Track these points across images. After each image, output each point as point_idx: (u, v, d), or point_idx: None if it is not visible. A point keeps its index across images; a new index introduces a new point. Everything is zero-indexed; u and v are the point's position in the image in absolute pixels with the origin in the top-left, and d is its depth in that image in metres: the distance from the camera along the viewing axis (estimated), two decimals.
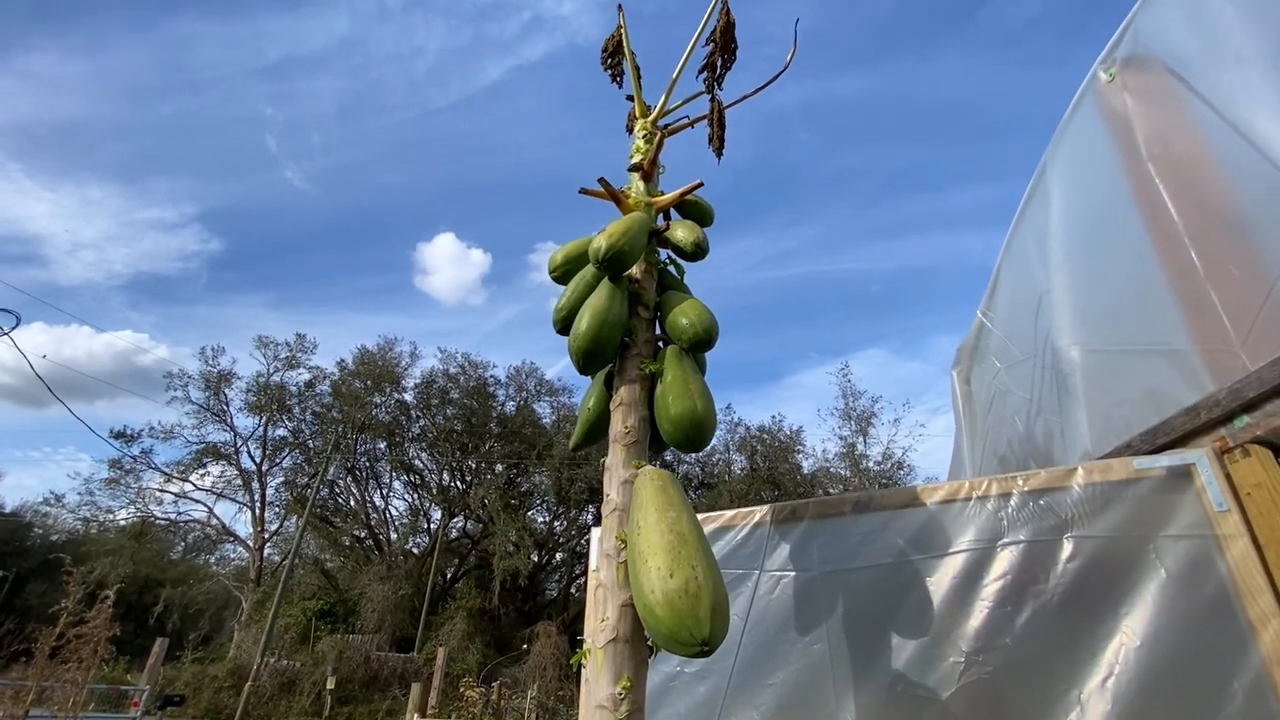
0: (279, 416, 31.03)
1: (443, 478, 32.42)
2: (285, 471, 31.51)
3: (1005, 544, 1.80)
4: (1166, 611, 1.57)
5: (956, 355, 3.49)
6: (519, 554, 27.90)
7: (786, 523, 2.15)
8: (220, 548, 34.13)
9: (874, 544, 1.98)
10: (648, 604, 1.26)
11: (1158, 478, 1.70)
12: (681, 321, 1.75)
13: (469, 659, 24.17)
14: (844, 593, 1.98)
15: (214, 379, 30.41)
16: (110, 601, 5.28)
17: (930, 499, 1.95)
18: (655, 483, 1.48)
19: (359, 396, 30.66)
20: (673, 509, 1.40)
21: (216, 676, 24.32)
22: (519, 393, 33.27)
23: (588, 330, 1.67)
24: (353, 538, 31.84)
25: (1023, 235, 2.83)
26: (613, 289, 1.76)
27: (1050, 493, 1.80)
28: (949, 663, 1.74)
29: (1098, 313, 2.24)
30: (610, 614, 1.43)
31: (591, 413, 1.86)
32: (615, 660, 1.37)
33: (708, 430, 1.64)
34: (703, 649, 1.21)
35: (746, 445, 32.57)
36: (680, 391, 1.65)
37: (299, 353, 31.77)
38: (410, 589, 28.10)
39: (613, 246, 1.69)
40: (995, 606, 1.74)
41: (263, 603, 27.05)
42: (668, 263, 2.06)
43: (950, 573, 1.84)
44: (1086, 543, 1.71)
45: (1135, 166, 2.09)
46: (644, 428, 1.68)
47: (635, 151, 2.18)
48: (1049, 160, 2.57)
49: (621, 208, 1.97)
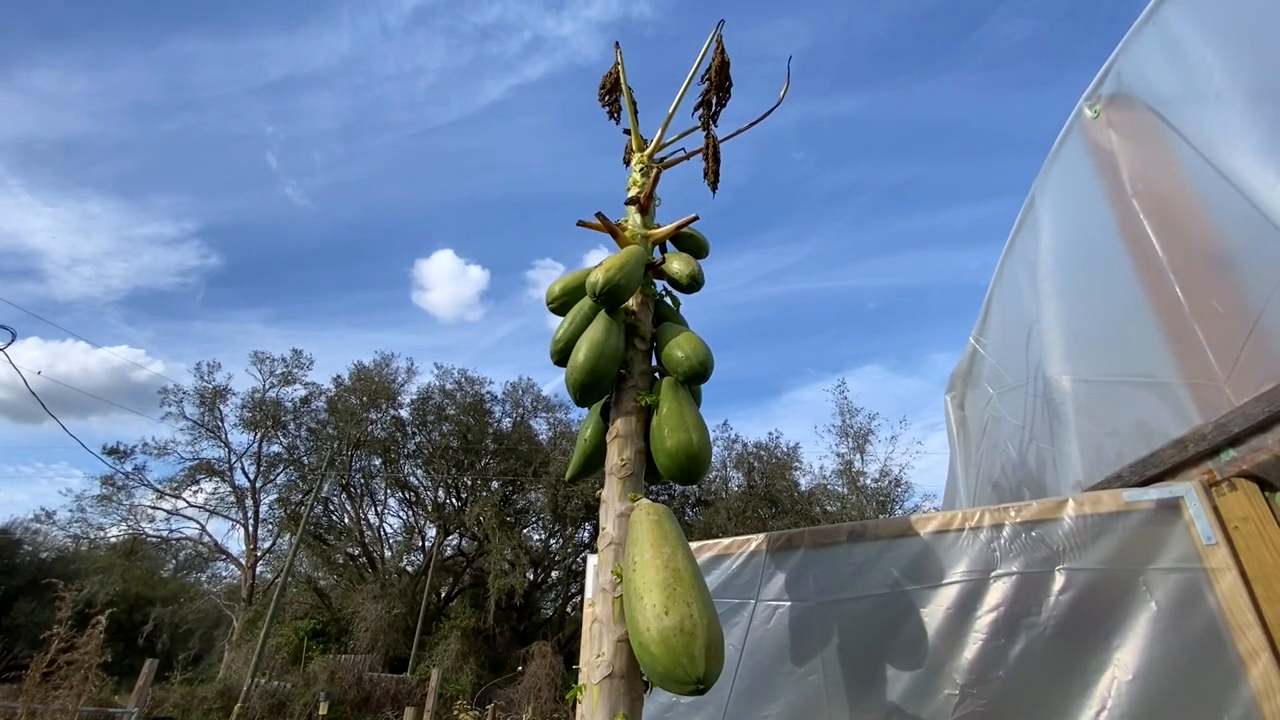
0: (274, 433, 30.88)
1: (438, 495, 32.21)
2: (279, 488, 31.27)
3: (998, 575, 1.81)
4: (1157, 644, 1.58)
5: (950, 380, 3.52)
6: (514, 572, 27.63)
7: (782, 551, 2.16)
8: (212, 566, 33.75)
9: (869, 574, 1.99)
10: (643, 641, 1.27)
11: (1147, 510, 1.72)
12: (677, 354, 1.78)
13: (463, 679, 23.85)
14: (839, 623, 1.98)
15: (209, 395, 30.30)
16: (102, 626, 5.22)
17: (924, 529, 1.97)
18: (651, 517, 1.50)
19: (355, 413, 30.54)
20: (668, 544, 1.41)
21: (206, 698, 23.91)
22: (515, 409, 33.19)
23: (585, 363, 1.70)
24: (346, 555, 31.53)
25: (1013, 263, 2.88)
26: (609, 321, 1.79)
27: (1042, 524, 1.82)
28: (944, 695, 1.74)
29: (1087, 343, 2.28)
30: (606, 649, 1.44)
31: (588, 444, 1.88)
32: (610, 697, 1.38)
33: (703, 463, 1.66)
34: (698, 688, 1.22)
35: (744, 462, 32.49)
36: (676, 424, 1.67)
37: (295, 369, 31.71)
38: (404, 608, 27.80)
39: (610, 280, 1.71)
40: (989, 638, 1.75)
41: (254, 622, 26.71)
42: (664, 294, 2.09)
43: (944, 603, 1.85)
44: (1078, 575, 1.72)
45: (1120, 201, 2.13)
46: (640, 460, 1.70)
47: (632, 185, 2.23)
48: (1038, 191, 2.62)
49: (618, 240, 2.00)
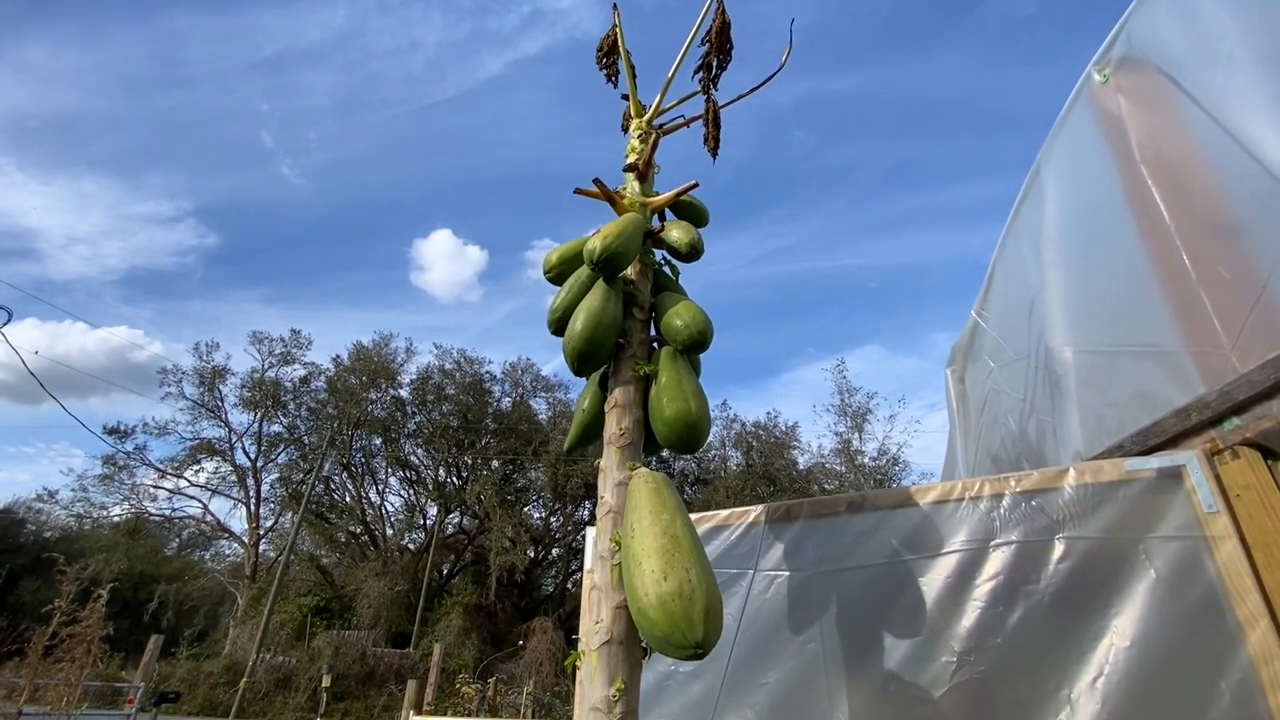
0: (274, 413, 30.96)
1: (439, 474, 32.39)
2: (280, 468, 31.44)
3: (998, 544, 1.81)
4: (1156, 611, 1.59)
5: (951, 354, 3.51)
6: (515, 550, 27.89)
7: (781, 522, 2.16)
8: (215, 544, 34.08)
9: (868, 544, 1.99)
10: (641, 607, 1.27)
11: (1148, 479, 1.71)
12: (676, 323, 1.76)
13: (465, 654, 24.20)
14: (838, 592, 1.99)
15: (208, 375, 30.31)
16: (103, 600, 5.25)
17: (924, 499, 1.96)
18: (650, 485, 1.49)
19: (354, 393, 30.58)
20: (666, 511, 1.40)
21: (212, 673, 24.28)
22: (515, 389, 33.24)
23: (582, 332, 1.68)
24: (348, 534, 31.80)
25: (1017, 235, 2.84)
26: (607, 290, 1.76)
27: (1042, 493, 1.81)
28: (941, 662, 1.75)
29: (1090, 313, 2.25)
30: (604, 616, 1.43)
31: (586, 414, 1.86)
32: (609, 663, 1.38)
33: (702, 432, 1.65)
34: (696, 652, 1.22)
35: (743, 441, 32.64)
36: (675, 393, 1.66)
37: (294, 349, 31.68)
38: (406, 585, 28.10)
39: (607, 248, 1.68)
40: (987, 606, 1.75)
41: (258, 599, 27.01)
42: (663, 264, 2.06)
43: (943, 573, 1.85)
44: (1078, 543, 1.72)
45: (1128, 168, 2.10)
46: (638, 429, 1.69)
47: (630, 151, 2.18)
48: (1044, 160, 2.57)
49: (616, 208, 1.96)
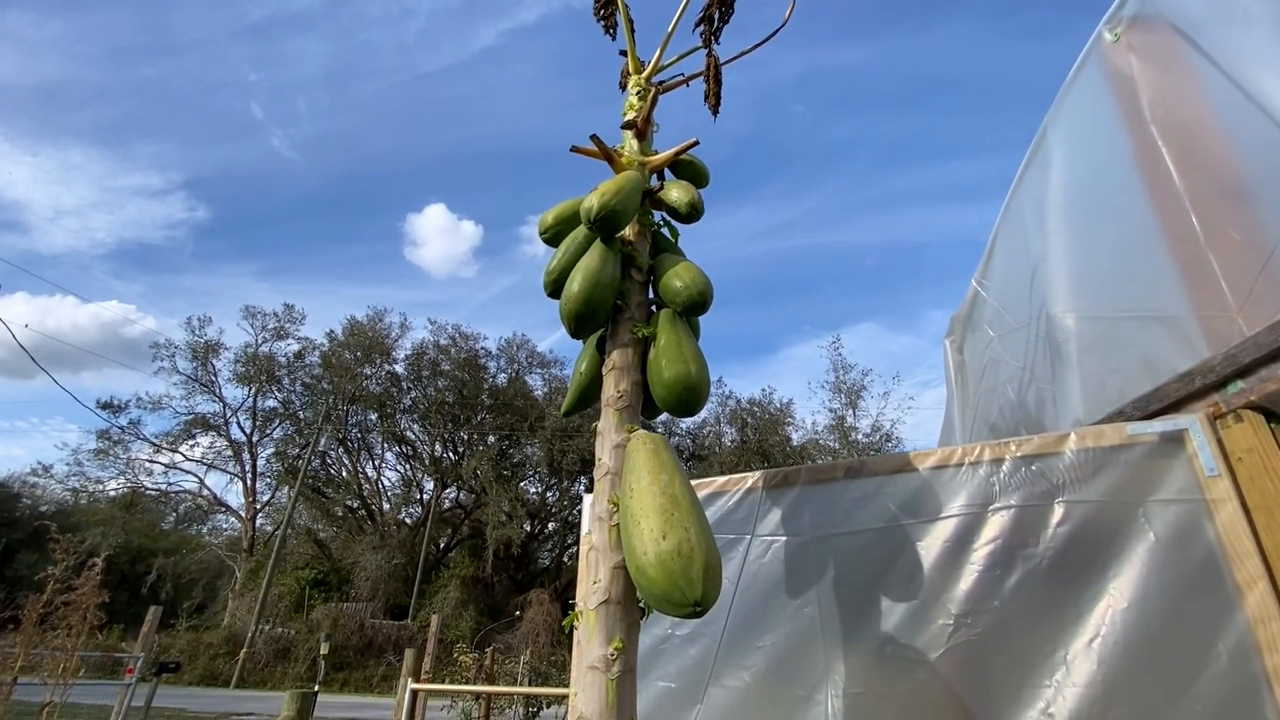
0: (268, 387, 30.92)
1: (435, 449, 32.50)
2: (276, 443, 31.50)
3: (996, 509, 1.80)
4: (1154, 574, 1.58)
5: (950, 325, 3.48)
6: (511, 524, 28.13)
7: (778, 488, 2.15)
8: (212, 518, 34.26)
9: (865, 509, 1.99)
10: (640, 565, 1.25)
11: (1150, 443, 1.70)
12: (675, 284, 1.72)
13: (462, 625, 24.54)
14: (835, 557, 1.98)
15: (201, 349, 30.14)
16: (99, 569, 5.26)
17: (923, 464, 1.95)
18: (648, 446, 1.46)
19: (349, 368, 30.50)
20: (665, 472, 1.38)
21: (212, 644, 24.60)
22: (510, 365, 33.23)
23: (579, 292, 1.64)
24: (345, 508, 31.98)
25: (1020, 202, 2.80)
26: (605, 250, 1.72)
27: (1043, 458, 1.80)
28: (938, 625, 1.75)
29: (1094, 279, 2.23)
30: (602, 576, 1.42)
31: (583, 377, 1.83)
32: (607, 622, 1.37)
33: (701, 394, 1.62)
34: (695, 610, 1.21)
35: (738, 417, 32.82)
36: (674, 355, 1.63)
37: (287, 323, 31.54)
38: (404, 558, 28.37)
39: (605, 205, 1.64)
40: (985, 570, 1.75)
41: (256, 572, 27.26)
42: (662, 224, 2.01)
43: (941, 537, 1.84)
44: (1077, 507, 1.71)
45: (1138, 129, 2.05)
46: (636, 392, 1.66)
47: (628, 109, 2.12)
48: (1049, 124, 2.52)
49: (614, 166, 1.91)
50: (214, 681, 23.14)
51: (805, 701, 1.85)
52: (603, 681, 1.29)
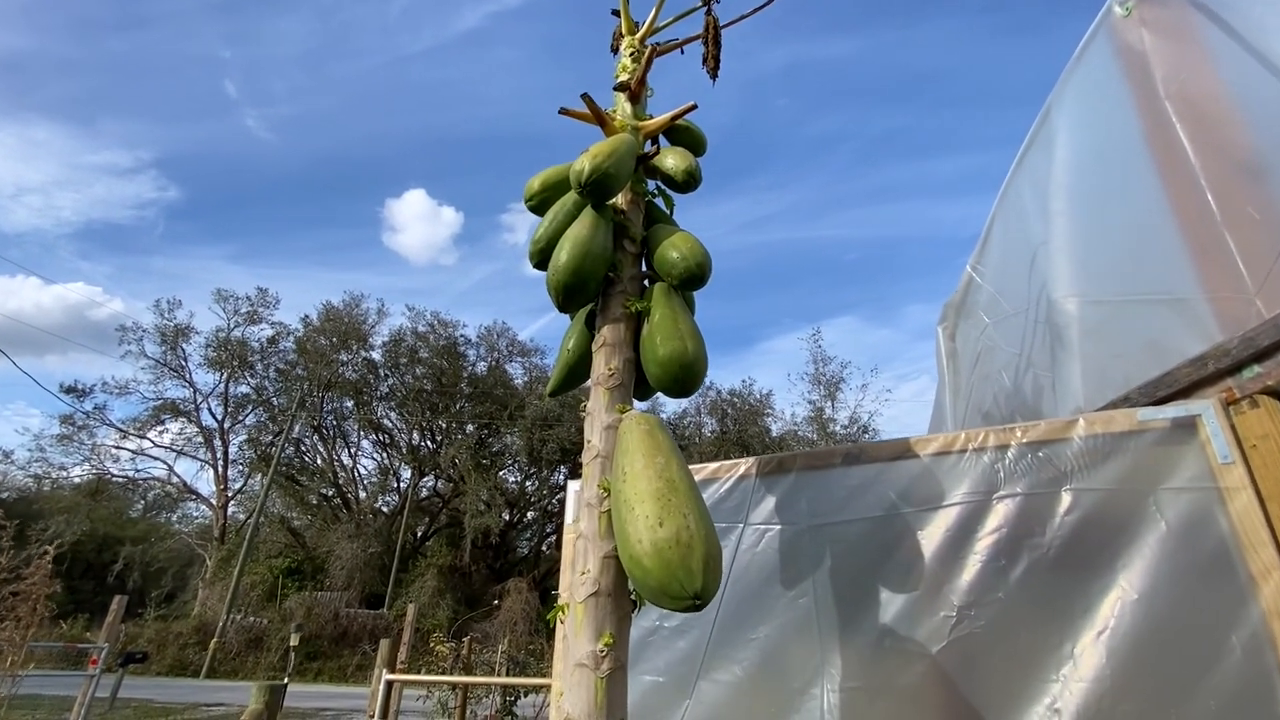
0: (241, 373, 30.23)
1: (412, 437, 32.11)
2: (249, 429, 30.86)
3: (1001, 497, 1.73)
4: (1165, 565, 1.52)
5: (943, 312, 3.42)
6: (490, 513, 27.94)
7: (773, 475, 2.06)
8: (182, 506, 33.54)
9: (864, 497, 1.91)
10: (635, 555, 1.15)
11: (1161, 429, 1.63)
12: (672, 255, 1.61)
13: (439, 614, 24.36)
14: (831, 546, 1.90)
15: (170, 333, 29.34)
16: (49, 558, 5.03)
17: (924, 451, 1.87)
18: (642, 427, 1.36)
19: (324, 354, 29.93)
20: (661, 454, 1.28)
21: (181, 633, 24.14)
22: (490, 353, 32.89)
23: (568, 262, 1.52)
24: (320, 496, 31.50)
25: (1019, 185, 2.73)
26: (596, 218, 1.60)
27: (1049, 445, 1.73)
28: (940, 617, 1.68)
29: (1100, 262, 2.16)
30: (591, 566, 1.32)
31: (571, 354, 1.72)
32: (597, 615, 1.26)
33: (698, 373, 1.52)
34: (695, 603, 1.11)
35: (718, 408, 32.90)
36: (669, 331, 1.52)
37: (261, 308, 30.79)
38: (380, 547, 28.06)
39: (597, 168, 1.52)
40: (989, 560, 1.68)
41: (227, 560, 26.79)
42: (656, 194, 1.90)
43: (943, 526, 1.77)
44: (1085, 495, 1.65)
45: (1150, 106, 1.98)
46: (629, 370, 1.55)
47: (621, 70, 1.99)
48: (1054, 103, 2.45)
49: (606, 130, 1.79)
50: (183, 672, 22.74)
51: (799, 696, 1.77)
52: (591, 680, 1.19)
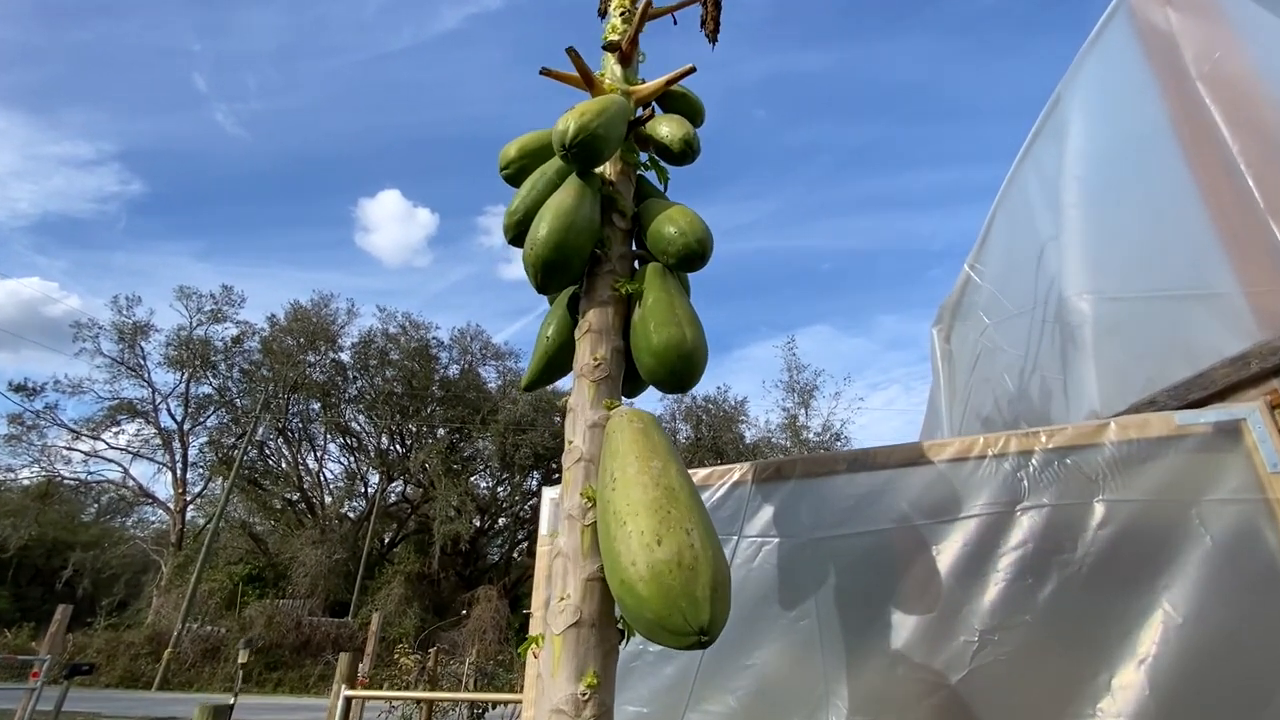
0: (202, 373, 29.19)
1: (381, 441, 31.36)
2: (210, 431, 29.80)
3: (1026, 508, 1.57)
4: (1212, 584, 1.37)
5: (938, 313, 3.29)
6: (460, 519, 27.37)
7: (770, 482, 1.88)
8: (138, 510, 32.22)
9: (872, 507, 1.73)
10: (628, 580, 0.95)
11: (1202, 435, 1.49)
12: (668, 230, 1.41)
13: (406, 623, 23.75)
14: (836, 561, 1.72)
15: (129, 331, 28.22)
16: None
17: (938, 456, 1.71)
18: (635, 425, 1.16)
19: (291, 354, 29.09)
20: (658, 457, 1.08)
21: (133, 643, 23.15)
22: (463, 356, 32.32)
23: (549, 234, 1.31)
24: (284, 500, 30.57)
25: (1025, 179, 2.60)
26: (582, 186, 1.40)
27: (1078, 451, 1.57)
28: (960, 642, 1.51)
29: (1118, 256, 2.02)
30: (572, 590, 1.11)
31: (551, 342, 1.51)
32: (578, 650, 1.06)
33: (698, 364, 1.32)
34: (700, 639, 0.91)
35: (692, 415, 32.79)
36: (664, 316, 1.32)
37: (225, 306, 29.79)
38: (345, 553, 27.29)
39: (584, 127, 1.32)
40: (1014, 578, 1.51)
41: (184, 567, 25.81)
42: (648, 166, 1.70)
43: (961, 540, 1.60)
44: (1121, 507, 1.49)
45: (1178, 89, 1.85)
46: (618, 360, 1.35)
47: (610, 31, 1.79)
48: (1065, 90, 2.32)
49: (594, 92, 1.59)
50: (135, 683, 21.78)
51: None
52: None
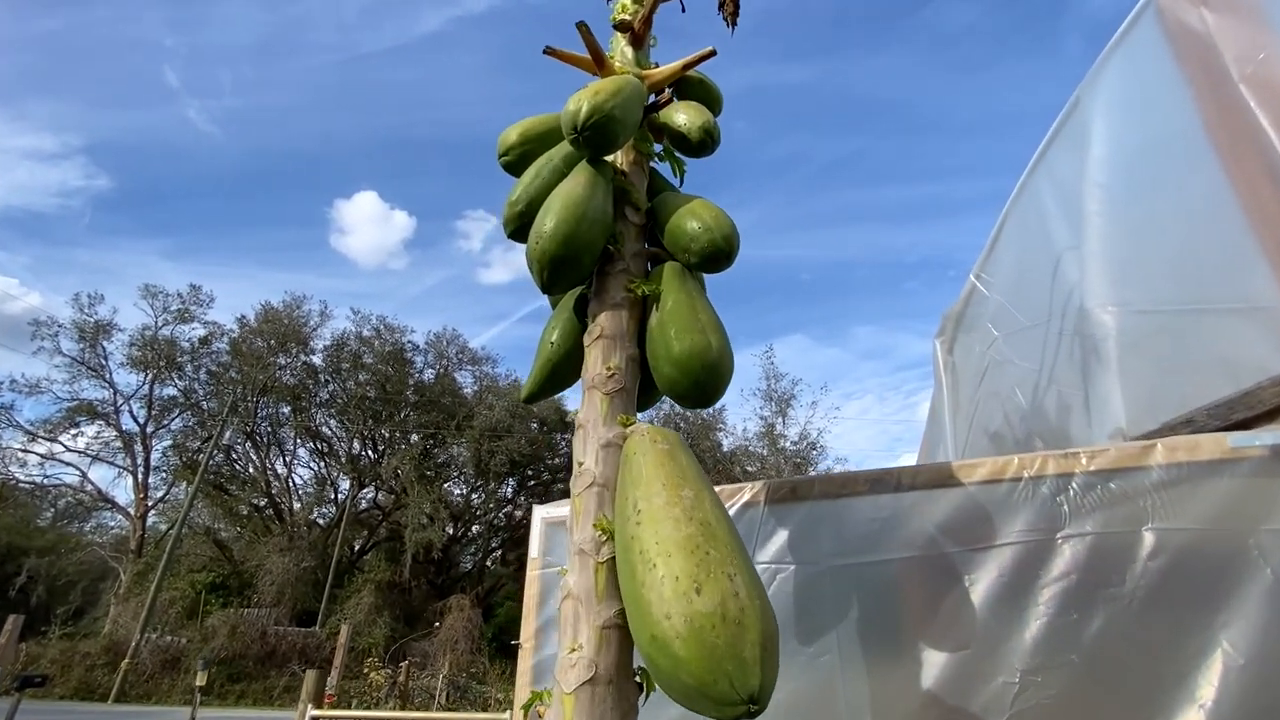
0: (167, 374, 28.29)
1: (353, 446, 30.66)
2: (174, 434, 28.85)
3: (1067, 536, 1.44)
4: (1275, 621, 1.26)
5: (941, 323, 3.19)
6: (433, 526, 26.85)
7: (785, 503, 1.74)
8: (96, 515, 31.03)
9: (897, 531, 1.60)
10: (661, 636, 0.79)
11: (1258, 459, 1.38)
12: (691, 225, 1.26)
13: (376, 633, 23.19)
14: (859, 591, 1.58)
15: (90, 329, 27.25)
16: None
17: (969, 478, 1.58)
18: (660, 446, 1.00)
19: (261, 356, 28.35)
20: (689, 485, 0.93)
21: (89, 654, 22.24)
22: (439, 360, 31.78)
23: (559, 227, 1.16)
24: (251, 506, 29.70)
25: (1038, 186, 2.51)
26: (594, 175, 1.25)
27: (1123, 474, 1.46)
28: (997, 684, 1.38)
29: (1146, 268, 1.93)
30: (585, 640, 0.95)
31: (555, 349, 1.34)
32: (593, 711, 0.90)
33: (723, 375, 1.18)
34: (749, 710, 0.76)
35: (670, 422, 32.66)
36: (686, 322, 1.17)
37: (193, 305, 28.93)
38: (314, 561, 26.59)
39: (598, 107, 1.17)
40: (1057, 614, 1.39)
41: (145, 574, 24.92)
42: (661, 157, 1.55)
43: (997, 570, 1.47)
44: (1172, 536, 1.37)
45: (1214, 92, 1.76)
46: (633, 370, 1.20)
47: (620, 9, 1.65)
48: (1085, 94, 2.23)
49: (604, 73, 1.44)
50: (90, 695, 20.91)
51: None
52: None
